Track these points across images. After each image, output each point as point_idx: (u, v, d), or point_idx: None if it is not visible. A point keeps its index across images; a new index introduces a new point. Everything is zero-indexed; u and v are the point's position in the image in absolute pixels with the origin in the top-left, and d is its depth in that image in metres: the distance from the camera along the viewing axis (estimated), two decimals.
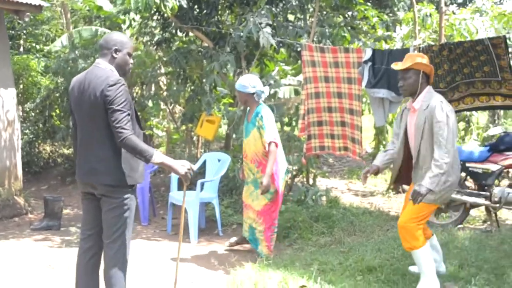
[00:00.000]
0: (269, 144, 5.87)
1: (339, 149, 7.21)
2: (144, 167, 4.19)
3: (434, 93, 4.72)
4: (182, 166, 3.97)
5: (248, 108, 6.22)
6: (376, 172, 5.09)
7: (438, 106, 4.53)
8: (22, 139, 10.15)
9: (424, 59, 4.70)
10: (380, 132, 10.70)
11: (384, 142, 10.65)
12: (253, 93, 6.00)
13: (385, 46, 9.45)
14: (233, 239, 6.67)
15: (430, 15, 9.63)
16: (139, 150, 3.83)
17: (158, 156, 3.88)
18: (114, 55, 4.07)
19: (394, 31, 10.14)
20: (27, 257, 6.22)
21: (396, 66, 4.72)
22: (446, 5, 11.40)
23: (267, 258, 5.97)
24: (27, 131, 10.70)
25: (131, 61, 4.17)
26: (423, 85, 4.70)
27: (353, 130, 7.01)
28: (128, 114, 3.87)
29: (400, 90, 4.79)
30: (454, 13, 10.85)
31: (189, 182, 4.10)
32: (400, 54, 6.66)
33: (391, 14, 10.02)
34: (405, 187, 9.23)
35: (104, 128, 3.91)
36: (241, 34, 7.63)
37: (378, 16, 9.03)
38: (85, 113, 3.99)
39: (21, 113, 11.04)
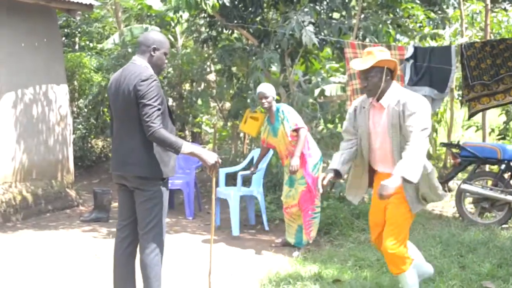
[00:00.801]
0: (299, 129, 6.18)
1: None
2: (175, 162, 4.34)
3: (401, 88, 4.29)
4: (211, 156, 4.14)
5: (268, 114, 6.62)
6: (337, 176, 4.38)
7: (410, 99, 4.10)
8: (75, 134, 10.52)
9: (385, 53, 4.21)
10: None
11: (432, 141, 10.54)
12: (274, 98, 6.45)
13: (433, 44, 9.35)
14: (279, 240, 6.77)
15: (480, 12, 9.49)
16: (168, 142, 3.99)
17: (187, 146, 4.04)
18: (153, 53, 4.22)
19: (443, 29, 10.01)
20: (75, 247, 6.49)
21: (357, 66, 4.20)
22: (498, 2, 11.19)
23: (307, 246, 6.11)
24: (80, 126, 11.07)
25: (166, 60, 4.34)
26: (389, 82, 4.20)
27: None
28: (159, 109, 4.02)
29: (364, 91, 4.29)
30: (506, 10, 10.62)
31: (217, 173, 4.25)
32: (442, 51, 6.66)
33: (439, 12, 9.88)
34: (450, 185, 9.14)
35: (136, 122, 4.07)
36: (285, 32, 7.71)
37: (425, 14, 8.96)
38: (119, 107, 4.17)
39: (75, 109, 11.44)
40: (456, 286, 4.79)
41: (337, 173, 4.36)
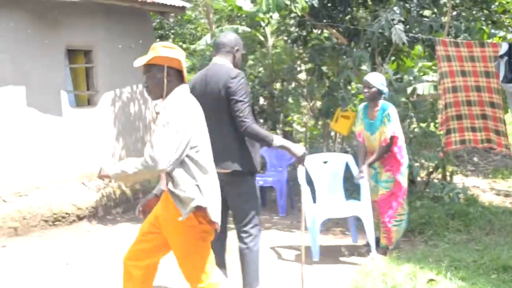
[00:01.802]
0: (392, 137, 5.96)
1: (482, 142, 7.10)
2: (260, 157, 4.53)
3: (185, 95, 3.55)
4: (299, 149, 4.32)
5: (366, 104, 6.25)
6: (156, 202, 3.85)
7: (170, 107, 3.42)
8: None
9: (171, 50, 3.53)
10: None
11: None
12: (381, 91, 6.05)
13: None
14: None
15: None
16: (261, 136, 4.21)
17: (278, 139, 4.28)
18: (236, 54, 4.48)
19: None
20: None
21: (136, 62, 3.56)
22: None
23: (388, 249, 6.03)
24: None
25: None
26: (172, 84, 3.52)
27: (496, 123, 6.87)
28: (249, 105, 4.24)
29: (147, 92, 3.66)
30: None
31: (303, 163, 4.42)
32: None
33: None
34: None
35: (227, 119, 4.28)
36: (374, 30, 7.67)
37: None
38: (208, 106, 4.30)
39: None
40: None
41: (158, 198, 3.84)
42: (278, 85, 11.46)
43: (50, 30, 8.01)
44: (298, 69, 11.12)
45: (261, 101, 11.29)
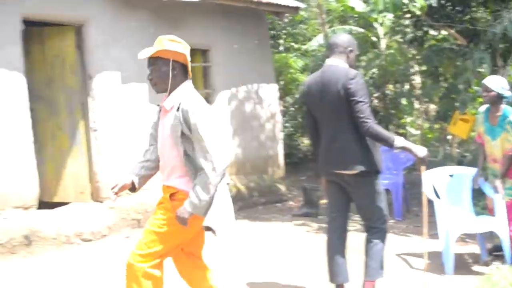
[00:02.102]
0: None
1: None
2: (381, 156, 4.48)
3: (191, 90, 3.53)
4: (421, 150, 4.25)
5: (488, 107, 5.90)
6: (132, 187, 3.76)
7: (191, 106, 3.38)
8: (283, 131, 11.03)
9: (175, 44, 3.52)
10: None
11: None
12: (501, 95, 5.70)
13: None
14: (490, 245, 6.46)
15: None
16: (382, 136, 4.19)
17: (400, 140, 4.20)
18: (349, 55, 4.44)
19: None
20: (289, 240, 6.84)
21: (141, 53, 3.56)
22: None
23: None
24: (287, 124, 11.54)
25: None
26: (177, 78, 3.50)
27: None
28: (370, 105, 4.24)
29: (151, 85, 3.60)
30: None
31: (426, 167, 4.40)
32: None
33: None
34: None
35: (348, 119, 4.26)
36: (496, 31, 7.43)
37: None
38: (327, 107, 4.35)
39: (282, 108, 11.97)
40: None
41: (133, 184, 3.75)
42: (391, 87, 11.33)
43: (170, 30, 8.24)
44: (411, 70, 10.96)
45: (375, 102, 11.22)
